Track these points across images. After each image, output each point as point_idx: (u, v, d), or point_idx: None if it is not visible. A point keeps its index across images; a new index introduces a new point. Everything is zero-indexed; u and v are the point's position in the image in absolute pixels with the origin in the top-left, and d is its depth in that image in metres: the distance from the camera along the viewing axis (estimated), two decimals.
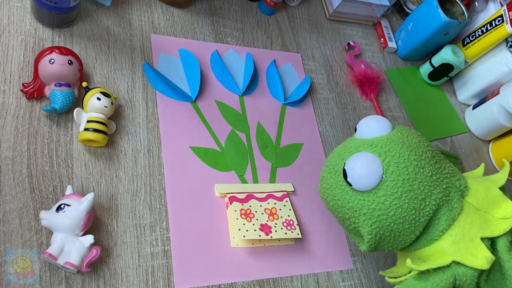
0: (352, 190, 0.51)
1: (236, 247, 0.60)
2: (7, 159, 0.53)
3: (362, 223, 0.51)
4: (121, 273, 0.52)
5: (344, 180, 0.51)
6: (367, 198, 0.49)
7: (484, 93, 0.92)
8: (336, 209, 0.54)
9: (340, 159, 0.53)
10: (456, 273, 0.48)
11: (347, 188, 0.51)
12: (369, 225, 0.50)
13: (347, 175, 0.50)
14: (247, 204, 0.62)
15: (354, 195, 0.51)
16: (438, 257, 0.50)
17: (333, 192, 0.53)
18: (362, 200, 0.50)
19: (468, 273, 0.48)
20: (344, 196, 0.52)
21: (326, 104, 0.81)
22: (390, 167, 0.49)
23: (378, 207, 0.49)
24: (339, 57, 0.88)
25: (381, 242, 0.52)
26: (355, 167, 0.50)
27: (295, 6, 0.89)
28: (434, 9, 0.85)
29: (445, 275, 0.48)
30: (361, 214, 0.50)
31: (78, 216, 0.48)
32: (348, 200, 0.51)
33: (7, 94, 0.56)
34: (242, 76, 0.75)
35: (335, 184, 0.53)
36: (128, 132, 0.61)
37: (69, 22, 0.63)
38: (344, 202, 0.52)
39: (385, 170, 0.49)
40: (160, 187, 0.59)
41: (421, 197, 0.49)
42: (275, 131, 0.73)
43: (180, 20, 0.75)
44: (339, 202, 0.53)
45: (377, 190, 0.49)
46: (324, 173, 0.56)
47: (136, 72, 0.66)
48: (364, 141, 0.53)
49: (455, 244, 0.49)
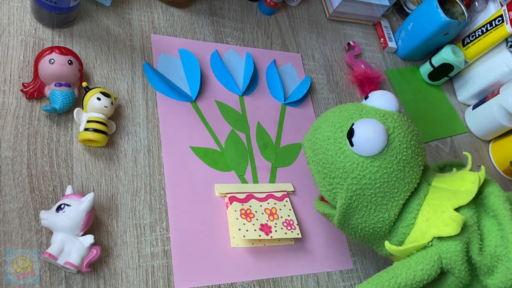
0: (350, 151, 0.50)
1: (236, 247, 0.60)
2: (7, 159, 0.53)
3: (346, 187, 0.51)
4: (121, 273, 0.52)
5: (346, 138, 0.51)
6: (362, 164, 0.49)
7: (484, 93, 0.92)
8: (322, 164, 0.53)
9: (347, 117, 0.52)
10: (440, 252, 0.47)
11: (345, 148, 0.51)
12: (352, 190, 0.50)
13: (354, 135, 0.49)
14: (247, 204, 0.62)
15: (349, 157, 0.50)
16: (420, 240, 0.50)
17: (328, 146, 0.52)
18: (356, 164, 0.50)
19: (451, 248, 0.47)
20: (339, 155, 0.51)
21: (326, 104, 0.81)
22: (393, 143, 0.50)
23: (368, 175, 0.49)
24: (339, 57, 0.88)
25: (354, 213, 0.52)
26: (365, 130, 0.49)
27: (295, 6, 0.89)
28: (434, 9, 0.85)
29: (428, 253, 0.48)
30: (349, 177, 0.50)
31: (78, 216, 0.48)
32: (342, 160, 0.50)
33: (7, 94, 0.56)
34: (242, 76, 0.75)
35: (333, 139, 0.52)
36: (128, 132, 0.61)
37: (69, 22, 0.63)
38: (336, 160, 0.51)
39: (389, 144, 0.50)
40: (160, 187, 0.59)
41: (406, 181, 0.51)
42: (275, 131, 0.73)
43: (180, 20, 0.75)
44: (330, 158, 0.52)
45: (374, 159, 0.49)
46: (322, 123, 0.55)
47: (136, 72, 0.66)
48: (376, 110, 0.53)
49: (428, 220, 0.50)
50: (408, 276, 0.47)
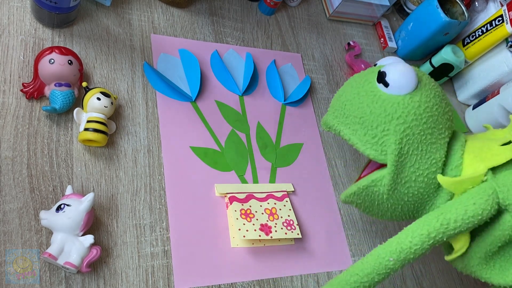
0: (386, 95, 0.50)
1: (236, 247, 0.60)
2: (7, 159, 0.53)
3: (393, 129, 0.49)
4: (121, 273, 0.52)
5: (377, 85, 0.51)
6: (403, 102, 0.49)
7: (484, 93, 0.92)
8: (359, 120, 0.51)
9: (370, 73, 0.53)
10: (496, 185, 0.44)
11: (379, 93, 0.50)
12: (400, 131, 0.49)
13: (387, 75, 0.49)
14: (247, 204, 0.62)
15: (387, 100, 0.50)
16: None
17: (361, 99, 0.51)
18: (396, 103, 0.49)
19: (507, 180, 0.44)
20: (376, 101, 0.50)
21: (326, 104, 0.81)
22: (422, 81, 0.51)
23: (412, 111, 0.49)
24: (339, 57, 0.88)
25: (406, 160, 0.49)
26: (396, 67, 0.50)
27: (295, 6, 0.89)
28: (434, 9, 0.85)
29: (481, 188, 0.45)
30: (394, 119, 0.49)
31: (78, 216, 0.48)
32: (381, 104, 0.50)
33: (7, 94, 0.56)
34: (242, 76, 0.75)
35: (364, 91, 0.51)
36: (128, 132, 0.61)
37: (69, 22, 0.63)
38: (375, 107, 0.50)
39: (419, 81, 0.51)
40: (160, 187, 0.59)
41: (446, 116, 0.51)
42: (275, 131, 0.73)
43: (180, 20, 0.75)
44: (367, 108, 0.50)
45: (412, 96, 0.49)
46: (343, 91, 0.55)
47: (136, 72, 0.66)
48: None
49: (477, 156, 0.48)
50: (459, 212, 0.43)
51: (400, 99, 0.49)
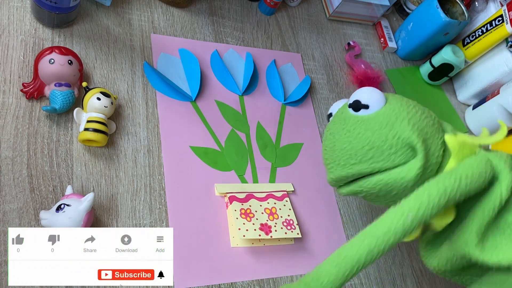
0: (371, 115, 0.51)
1: (236, 246, 0.60)
2: (7, 159, 0.53)
3: (400, 129, 0.50)
4: None
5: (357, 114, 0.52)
6: (388, 109, 0.51)
7: (484, 93, 0.92)
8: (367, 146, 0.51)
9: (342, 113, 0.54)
10: (489, 156, 0.47)
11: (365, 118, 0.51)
12: (406, 125, 0.50)
13: (361, 100, 0.52)
14: (247, 204, 0.62)
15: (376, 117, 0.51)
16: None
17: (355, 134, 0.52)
18: (386, 113, 0.51)
19: (499, 153, 0.47)
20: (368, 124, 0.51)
21: (326, 104, 0.81)
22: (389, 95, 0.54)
23: (401, 108, 0.51)
24: (339, 57, 0.88)
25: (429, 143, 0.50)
26: (362, 91, 0.52)
27: (295, 6, 0.89)
28: (434, 9, 0.85)
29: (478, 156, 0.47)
30: (394, 122, 0.50)
31: (78, 216, 0.48)
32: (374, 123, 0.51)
33: (7, 94, 0.56)
34: (242, 76, 0.75)
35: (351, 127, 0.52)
36: (128, 132, 0.61)
37: (69, 22, 0.63)
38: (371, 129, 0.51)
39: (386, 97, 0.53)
40: (160, 187, 0.59)
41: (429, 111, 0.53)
42: (275, 131, 0.73)
43: (180, 20, 0.75)
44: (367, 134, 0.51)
45: (389, 103, 0.52)
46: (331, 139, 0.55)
47: (136, 72, 0.66)
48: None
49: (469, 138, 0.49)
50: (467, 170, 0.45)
51: (384, 110, 0.51)
